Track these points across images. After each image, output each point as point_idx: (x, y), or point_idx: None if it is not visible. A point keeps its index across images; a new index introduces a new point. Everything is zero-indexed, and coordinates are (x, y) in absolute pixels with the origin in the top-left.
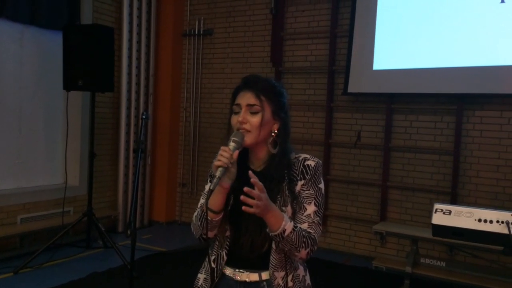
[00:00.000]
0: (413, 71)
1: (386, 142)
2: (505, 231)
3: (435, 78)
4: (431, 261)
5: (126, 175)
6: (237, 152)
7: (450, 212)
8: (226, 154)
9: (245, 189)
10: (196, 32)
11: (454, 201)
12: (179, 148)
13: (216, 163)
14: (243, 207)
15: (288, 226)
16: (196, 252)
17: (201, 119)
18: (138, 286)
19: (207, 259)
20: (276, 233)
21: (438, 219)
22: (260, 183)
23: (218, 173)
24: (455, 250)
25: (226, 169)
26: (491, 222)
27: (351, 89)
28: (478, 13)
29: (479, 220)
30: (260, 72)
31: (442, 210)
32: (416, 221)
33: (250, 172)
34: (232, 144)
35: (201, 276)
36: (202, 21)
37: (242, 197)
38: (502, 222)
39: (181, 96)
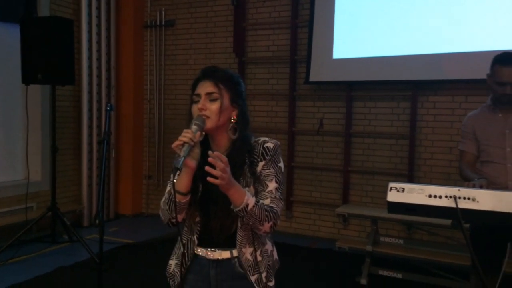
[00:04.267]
0: (371, 60)
1: (347, 129)
2: (452, 205)
3: (391, 66)
4: (390, 240)
5: (90, 169)
6: (199, 133)
7: (403, 190)
8: (189, 134)
9: (210, 159)
10: (158, 23)
11: (410, 182)
12: (144, 140)
13: (178, 141)
14: (208, 178)
15: (251, 200)
16: (164, 243)
17: (165, 111)
18: (106, 278)
19: (177, 245)
20: (239, 208)
21: (392, 196)
22: (224, 157)
23: (182, 152)
24: (413, 228)
25: (190, 148)
26: (440, 197)
27: (313, 78)
28: (430, 2)
29: (430, 196)
30: (223, 63)
31: (396, 188)
32: (376, 203)
33: (210, 152)
34: (194, 127)
35: (172, 262)
36: (163, 12)
37: (207, 168)
38: (450, 197)
39: (144, 88)
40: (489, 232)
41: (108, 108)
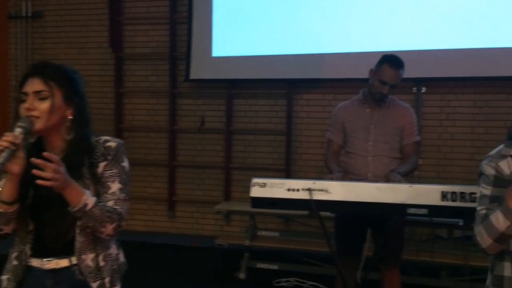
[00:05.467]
0: (250, 58)
1: (228, 126)
2: (308, 197)
3: (269, 65)
4: (266, 233)
5: None
6: (22, 136)
7: (265, 185)
8: (8, 138)
9: (37, 161)
10: (24, 14)
11: (288, 176)
12: None
13: None
14: (38, 181)
15: (90, 200)
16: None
17: None
18: None
19: (8, 258)
20: (77, 208)
21: (255, 192)
22: (56, 156)
23: (0, 159)
24: (289, 221)
25: (11, 153)
26: (298, 190)
27: (193, 75)
28: (306, 3)
29: (289, 190)
30: (98, 58)
31: (258, 183)
32: None
33: (44, 153)
34: (17, 130)
35: (4, 277)
36: (29, 2)
37: (34, 171)
38: (306, 190)
39: (10, 85)
40: (351, 219)
41: None
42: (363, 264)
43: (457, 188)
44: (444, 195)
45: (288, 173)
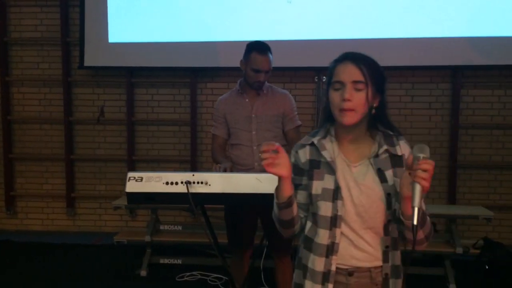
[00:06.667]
0: (150, 45)
1: (129, 117)
2: (186, 190)
3: (170, 52)
4: (169, 227)
5: None
6: None
7: (142, 179)
8: None
9: None
10: None
11: (194, 168)
12: None
13: None
14: None
15: None
16: None
17: None
18: None
19: None
20: None
21: (131, 187)
22: None
23: None
24: (196, 213)
25: None
26: (176, 183)
27: (88, 62)
28: None
29: (167, 183)
30: None
31: (134, 177)
32: None
33: None
34: None
35: None
36: None
37: None
38: (185, 183)
39: None
40: (240, 211)
41: None
42: (261, 253)
43: None
44: None
45: (194, 165)
